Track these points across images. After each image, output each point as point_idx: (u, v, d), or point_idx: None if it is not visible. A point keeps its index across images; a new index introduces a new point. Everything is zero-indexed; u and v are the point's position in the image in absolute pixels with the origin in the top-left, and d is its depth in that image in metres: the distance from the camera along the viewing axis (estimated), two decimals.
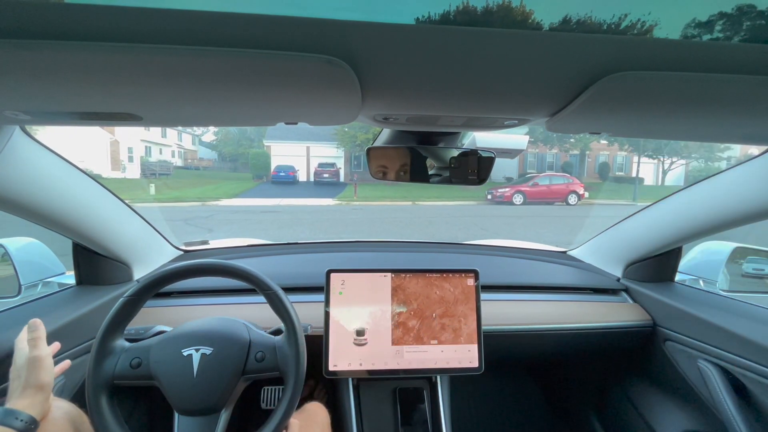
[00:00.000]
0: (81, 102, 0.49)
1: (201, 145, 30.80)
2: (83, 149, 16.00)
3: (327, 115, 0.57)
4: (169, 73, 0.40)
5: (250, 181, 18.15)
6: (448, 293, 0.96)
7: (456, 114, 0.60)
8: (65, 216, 0.81)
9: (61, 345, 0.70)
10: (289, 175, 17.42)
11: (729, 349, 0.88)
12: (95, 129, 17.07)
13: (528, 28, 0.34)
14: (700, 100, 0.47)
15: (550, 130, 0.62)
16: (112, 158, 18.35)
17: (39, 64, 0.37)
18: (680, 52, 0.37)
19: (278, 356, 0.70)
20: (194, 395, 0.66)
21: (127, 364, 0.67)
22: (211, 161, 29.34)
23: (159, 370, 0.67)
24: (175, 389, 0.66)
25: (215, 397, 0.67)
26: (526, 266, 1.33)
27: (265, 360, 0.69)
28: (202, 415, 0.68)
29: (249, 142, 24.71)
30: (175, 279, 0.72)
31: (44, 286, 1.00)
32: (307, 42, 0.36)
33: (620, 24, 0.33)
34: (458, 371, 0.93)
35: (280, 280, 0.76)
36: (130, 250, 1.02)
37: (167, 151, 25.56)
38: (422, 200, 12.93)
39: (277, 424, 0.66)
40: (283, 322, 0.72)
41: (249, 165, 20.34)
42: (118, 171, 18.55)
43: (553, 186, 13.55)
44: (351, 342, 0.92)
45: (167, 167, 21.25)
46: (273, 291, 0.73)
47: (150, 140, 23.16)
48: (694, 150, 17.11)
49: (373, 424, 0.96)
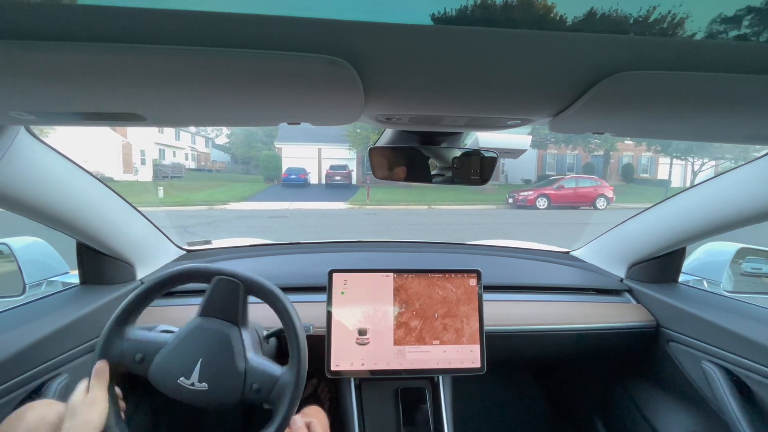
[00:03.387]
0: (85, 102, 0.49)
1: (214, 148, 30.91)
2: (95, 151, 16.04)
3: (329, 115, 0.57)
4: (173, 74, 0.40)
5: (261, 184, 18.04)
6: (451, 293, 0.96)
7: (458, 114, 0.60)
8: (69, 216, 0.81)
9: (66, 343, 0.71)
10: (300, 177, 17.03)
11: (733, 350, 0.88)
12: (107, 132, 17.17)
13: (531, 27, 0.34)
14: (704, 100, 0.47)
15: (553, 130, 0.62)
16: (125, 161, 18.37)
17: (44, 64, 0.37)
18: (684, 52, 0.37)
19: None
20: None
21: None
22: (224, 164, 29.42)
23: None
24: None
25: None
26: (528, 266, 1.33)
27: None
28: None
29: (261, 144, 24.63)
30: (180, 282, 0.72)
31: (48, 285, 1.01)
32: (310, 42, 0.36)
33: (624, 23, 0.33)
34: (460, 372, 0.93)
35: (282, 280, 0.76)
36: (134, 250, 1.03)
37: (180, 154, 25.60)
38: (438, 204, 12.44)
39: (280, 422, 0.66)
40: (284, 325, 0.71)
41: (260, 167, 20.26)
42: (131, 173, 18.53)
43: (580, 189, 12.59)
44: (353, 342, 0.92)
45: (179, 170, 21.17)
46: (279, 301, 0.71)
47: (164, 143, 23.12)
48: (728, 150, 16.00)
49: (375, 424, 0.96)
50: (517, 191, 12.68)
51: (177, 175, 19.96)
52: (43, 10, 0.31)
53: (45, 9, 0.31)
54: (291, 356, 0.70)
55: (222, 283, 0.70)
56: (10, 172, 0.66)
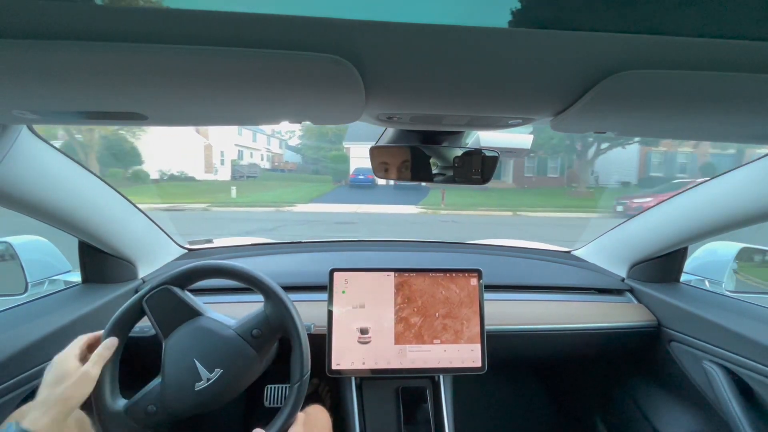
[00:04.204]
0: (87, 101, 0.49)
1: (287, 149, 31.85)
2: (180, 152, 16.86)
3: (331, 115, 0.57)
4: (175, 73, 0.40)
5: (329, 184, 17.99)
6: (452, 293, 0.96)
7: (460, 113, 0.60)
8: (71, 214, 0.82)
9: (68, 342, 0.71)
10: (368, 178, 16.21)
11: (735, 350, 0.87)
12: (191, 133, 17.88)
13: (532, 26, 0.34)
14: (706, 99, 0.47)
15: (555, 129, 0.62)
16: (206, 161, 19.42)
17: (46, 64, 0.38)
18: (686, 51, 0.37)
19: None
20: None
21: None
22: (295, 164, 30.09)
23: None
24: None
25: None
26: (530, 266, 1.33)
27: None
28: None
29: (329, 144, 24.72)
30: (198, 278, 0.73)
31: (50, 283, 1.01)
32: (312, 41, 0.36)
33: (626, 22, 0.33)
34: (461, 371, 0.93)
35: (283, 278, 0.76)
36: (135, 249, 1.03)
37: (257, 155, 26.70)
38: (523, 210, 10.86)
39: (284, 421, 0.67)
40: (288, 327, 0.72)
41: (328, 167, 20.40)
42: (211, 173, 19.54)
43: None
44: (354, 341, 0.92)
45: (255, 170, 22.12)
46: (278, 296, 0.72)
47: (242, 144, 24.17)
48: None
49: (375, 423, 0.96)
50: (630, 197, 10.66)
51: (252, 175, 21.02)
52: (45, 9, 0.31)
53: (46, 8, 0.31)
54: (293, 362, 0.70)
55: (274, 309, 0.72)
56: (13, 170, 0.66)
